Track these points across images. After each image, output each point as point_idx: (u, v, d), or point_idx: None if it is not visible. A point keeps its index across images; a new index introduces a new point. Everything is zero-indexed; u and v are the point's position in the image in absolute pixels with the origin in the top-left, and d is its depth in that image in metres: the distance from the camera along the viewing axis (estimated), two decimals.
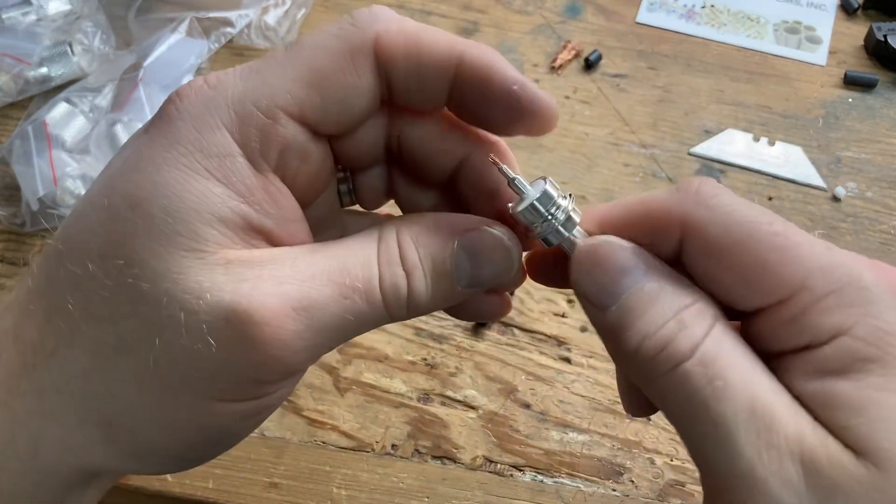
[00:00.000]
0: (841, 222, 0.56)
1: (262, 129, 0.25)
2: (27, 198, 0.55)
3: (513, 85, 0.26)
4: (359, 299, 0.26)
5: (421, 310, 0.27)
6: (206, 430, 0.26)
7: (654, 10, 0.69)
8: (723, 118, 0.62)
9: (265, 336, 0.24)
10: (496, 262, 0.28)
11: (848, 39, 0.67)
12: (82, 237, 0.25)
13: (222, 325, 0.24)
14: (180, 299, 0.24)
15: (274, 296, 0.24)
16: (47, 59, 0.61)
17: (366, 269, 0.26)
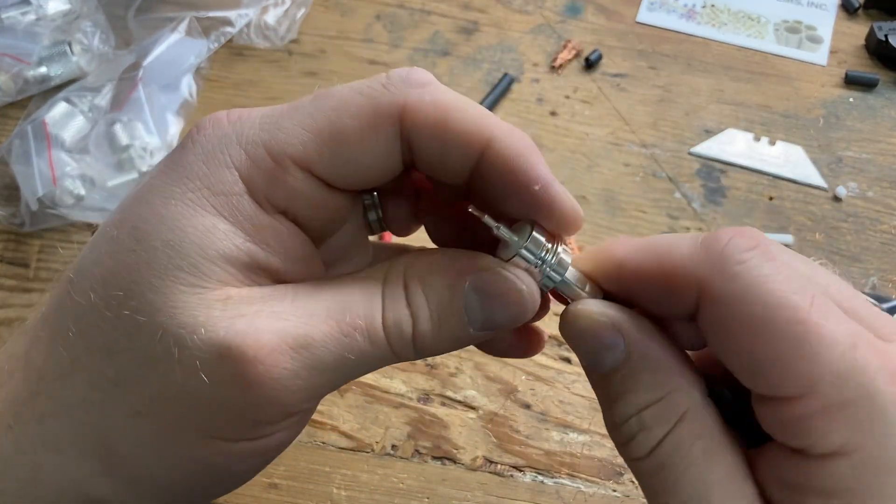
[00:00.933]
0: (842, 222, 0.56)
1: (269, 173, 0.25)
2: (26, 197, 0.54)
3: (535, 185, 0.25)
4: (360, 338, 0.25)
5: (430, 350, 0.26)
6: (205, 469, 0.25)
7: (655, 9, 0.69)
8: (723, 118, 0.62)
9: (259, 374, 0.23)
10: (509, 304, 0.26)
11: (849, 39, 0.67)
12: (89, 267, 0.25)
13: (216, 361, 0.23)
14: (175, 334, 0.23)
15: (270, 332, 0.23)
16: (46, 58, 0.61)
17: (368, 307, 0.25)
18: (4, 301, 0.53)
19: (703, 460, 0.23)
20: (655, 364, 0.25)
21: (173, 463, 0.25)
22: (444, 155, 0.26)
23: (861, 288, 0.53)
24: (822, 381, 0.21)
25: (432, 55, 0.65)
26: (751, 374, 0.23)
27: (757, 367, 0.23)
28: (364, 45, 0.66)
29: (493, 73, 0.64)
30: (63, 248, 0.55)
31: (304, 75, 0.64)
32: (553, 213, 0.26)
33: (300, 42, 0.66)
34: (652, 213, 0.56)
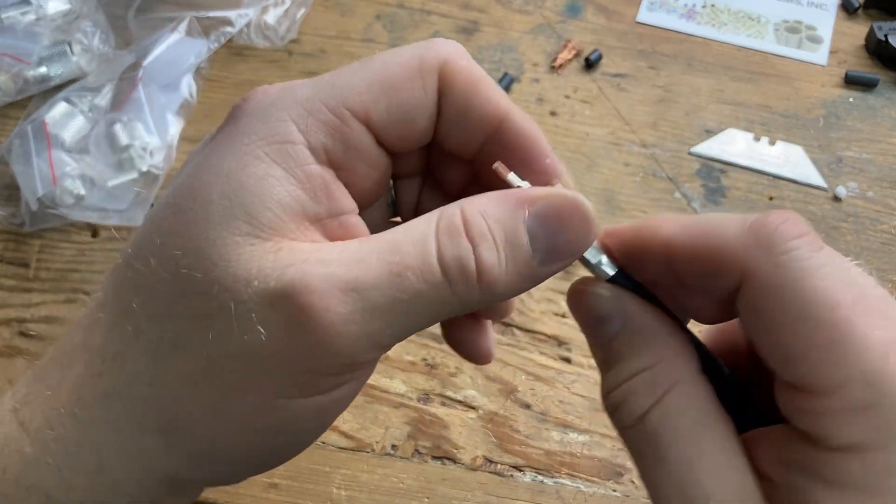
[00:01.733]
0: (842, 222, 0.56)
1: (328, 124, 0.25)
2: (26, 197, 0.54)
3: (546, 158, 0.27)
4: (412, 276, 0.23)
5: (498, 287, 0.24)
6: (268, 432, 0.25)
7: (655, 9, 0.69)
8: (723, 118, 0.62)
9: (312, 320, 0.23)
10: (575, 227, 0.25)
11: (849, 39, 0.67)
12: (148, 235, 0.25)
13: (269, 312, 0.23)
14: (230, 287, 0.23)
15: (319, 278, 0.23)
16: (46, 58, 0.61)
17: (420, 244, 0.24)
18: (4, 301, 0.53)
19: (691, 431, 0.23)
20: (648, 334, 0.25)
21: (235, 429, 0.25)
22: (466, 118, 0.27)
23: None
24: (851, 382, 0.21)
25: None
26: (782, 362, 0.23)
27: (790, 357, 0.23)
28: (364, 45, 0.66)
29: (493, 72, 0.64)
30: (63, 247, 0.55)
31: (305, 75, 0.64)
32: (560, 183, 0.27)
33: (300, 42, 0.66)
34: (652, 212, 0.56)
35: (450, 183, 0.30)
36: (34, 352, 0.51)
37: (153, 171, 0.56)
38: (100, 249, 0.55)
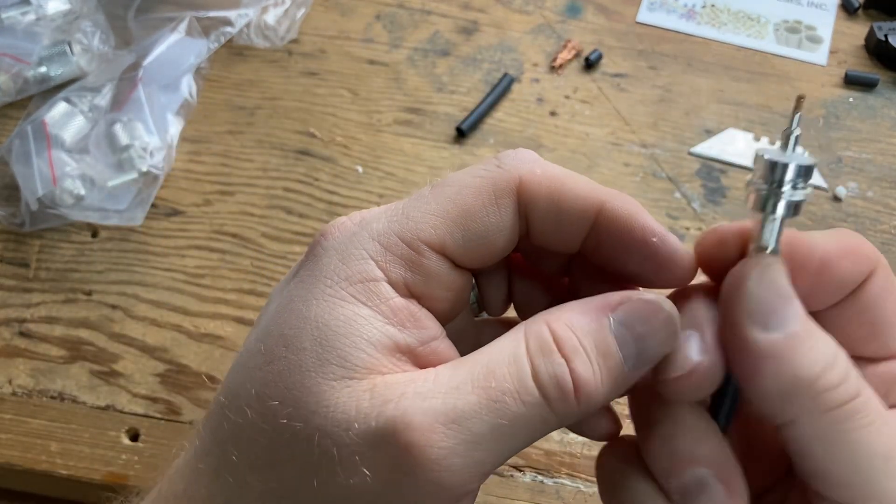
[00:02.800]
0: (842, 222, 0.56)
1: (405, 258, 0.26)
2: (26, 197, 0.54)
3: (652, 237, 0.27)
4: (510, 400, 0.23)
5: (596, 399, 0.24)
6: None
7: (655, 9, 0.69)
8: (723, 118, 0.62)
9: (417, 458, 0.23)
10: (659, 330, 0.25)
11: (848, 39, 0.67)
12: (241, 385, 0.25)
13: (372, 453, 0.23)
14: (331, 433, 0.23)
15: (419, 413, 0.23)
16: (46, 58, 0.61)
17: (513, 365, 0.24)
18: (4, 301, 0.53)
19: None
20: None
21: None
22: (559, 222, 0.27)
23: None
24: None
25: (432, 55, 0.65)
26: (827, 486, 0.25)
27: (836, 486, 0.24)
28: (364, 45, 0.66)
29: (492, 73, 0.64)
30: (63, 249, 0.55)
31: (304, 75, 0.64)
32: (674, 261, 0.27)
33: (300, 42, 0.66)
34: (652, 212, 0.56)
35: (549, 268, 0.30)
36: (34, 351, 0.51)
37: (153, 172, 0.56)
38: (99, 249, 0.55)
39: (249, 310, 0.52)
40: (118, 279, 0.54)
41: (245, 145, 0.60)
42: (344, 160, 0.59)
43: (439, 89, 0.63)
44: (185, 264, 0.54)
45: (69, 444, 0.47)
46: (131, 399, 0.49)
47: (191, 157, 0.59)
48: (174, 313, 0.52)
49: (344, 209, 0.57)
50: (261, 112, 0.62)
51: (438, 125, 0.61)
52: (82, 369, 0.50)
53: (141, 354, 0.50)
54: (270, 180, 0.58)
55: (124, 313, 0.52)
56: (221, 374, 0.50)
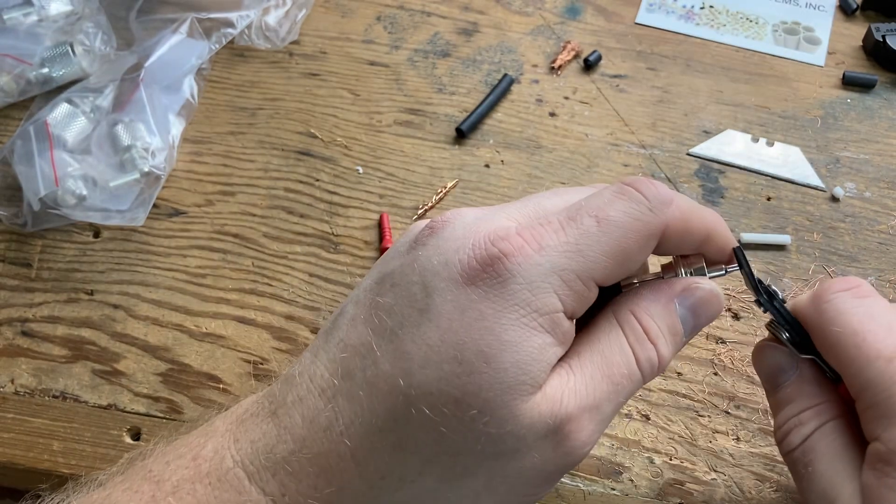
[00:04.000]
0: (839, 222, 0.56)
1: (579, 293, 0.31)
2: (28, 198, 0.55)
3: (732, 245, 0.35)
4: (627, 383, 0.32)
5: (666, 366, 0.34)
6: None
7: (654, 10, 0.69)
8: (722, 118, 0.62)
9: (573, 440, 0.31)
10: (712, 311, 0.35)
11: (846, 40, 0.67)
12: (438, 385, 0.30)
13: (543, 442, 0.31)
14: (517, 435, 0.30)
15: (575, 408, 0.31)
16: (48, 59, 0.61)
17: (623, 355, 0.32)
18: (7, 300, 0.53)
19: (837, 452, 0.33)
20: (815, 383, 0.35)
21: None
22: (679, 247, 0.35)
23: None
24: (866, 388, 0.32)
25: (432, 56, 0.66)
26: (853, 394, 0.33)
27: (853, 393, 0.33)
28: (364, 46, 0.66)
29: (492, 73, 0.64)
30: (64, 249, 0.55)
31: (305, 76, 0.64)
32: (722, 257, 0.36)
33: (301, 43, 0.66)
34: None
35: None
36: (36, 351, 0.51)
37: (155, 172, 0.57)
38: (101, 249, 0.55)
39: (251, 309, 0.53)
40: (120, 279, 0.54)
41: (246, 146, 0.61)
42: (344, 161, 0.60)
43: (439, 90, 0.64)
44: (186, 264, 0.55)
45: (71, 443, 0.48)
46: (133, 398, 0.49)
47: (192, 158, 0.60)
48: (176, 313, 0.52)
49: (344, 209, 0.57)
50: (262, 113, 0.62)
51: (438, 126, 0.62)
52: (84, 369, 0.50)
53: (143, 354, 0.51)
54: (271, 181, 0.59)
55: (126, 313, 0.52)
56: (222, 374, 0.50)
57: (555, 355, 0.31)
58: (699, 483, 0.45)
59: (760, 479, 0.45)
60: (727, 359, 0.50)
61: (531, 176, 0.59)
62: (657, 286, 0.34)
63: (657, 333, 0.33)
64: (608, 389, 0.32)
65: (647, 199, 0.32)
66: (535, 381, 0.30)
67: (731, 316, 0.52)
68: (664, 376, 0.49)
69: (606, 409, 0.32)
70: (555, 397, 0.31)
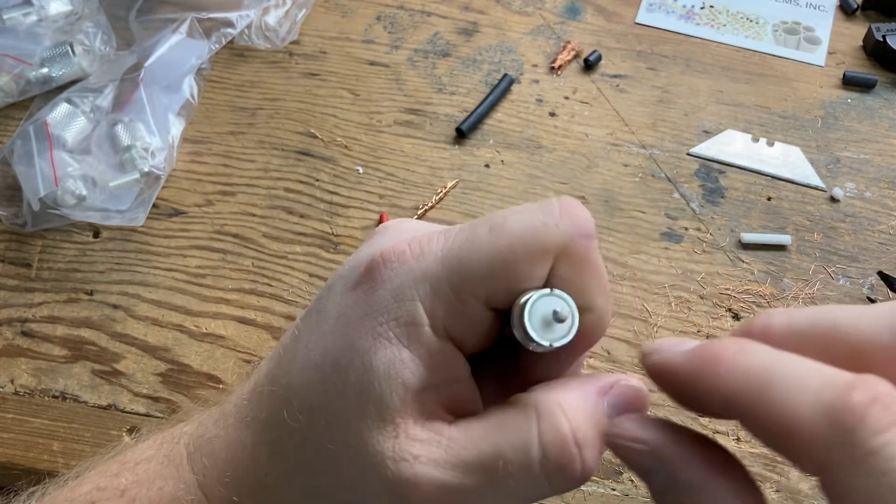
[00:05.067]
0: (840, 222, 0.56)
1: (451, 306, 0.27)
2: (28, 198, 0.55)
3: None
4: (514, 484, 0.26)
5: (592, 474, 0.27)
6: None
7: (654, 10, 0.69)
8: (722, 118, 0.62)
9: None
10: (638, 408, 0.28)
11: (847, 40, 0.67)
12: (302, 390, 0.28)
13: (386, 498, 0.26)
14: (359, 466, 0.27)
15: (428, 481, 0.26)
16: (48, 59, 0.61)
17: (524, 453, 0.26)
18: (7, 300, 0.53)
19: None
20: (702, 491, 0.23)
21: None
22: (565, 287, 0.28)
23: (859, 288, 0.53)
24: None
25: (432, 56, 0.66)
26: None
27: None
28: (364, 46, 0.66)
29: (492, 73, 0.64)
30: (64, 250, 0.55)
31: (305, 76, 0.64)
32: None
33: (301, 43, 0.66)
34: (650, 213, 0.57)
35: None
36: (36, 351, 0.51)
37: (154, 172, 0.57)
38: (101, 249, 0.55)
39: (250, 309, 0.53)
40: (120, 279, 0.54)
41: (246, 146, 0.60)
42: (344, 161, 0.60)
43: (439, 90, 0.64)
44: (186, 264, 0.55)
45: (71, 443, 0.47)
46: (133, 398, 0.49)
47: (192, 158, 0.60)
48: (175, 313, 0.52)
49: (344, 209, 0.57)
50: (262, 113, 0.62)
51: (438, 126, 0.62)
52: (84, 369, 0.50)
53: (142, 354, 0.51)
54: (271, 181, 0.59)
55: (126, 313, 0.52)
56: (222, 374, 0.50)
57: (413, 376, 0.26)
58: None
59: (761, 479, 0.45)
60: None
61: (531, 176, 0.59)
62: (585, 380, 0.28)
63: (586, 439, 0.26)
64: (483, 482, 0.26)
65: (559, 215, 0.27)
66: (381, 402, 0.26)
67: (731, 316, 0.52)
68: None
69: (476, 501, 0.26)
70: (408, 451, 0.26)
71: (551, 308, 0.27)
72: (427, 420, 0.27)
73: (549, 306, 0.27)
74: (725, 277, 0.53)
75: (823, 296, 0.53)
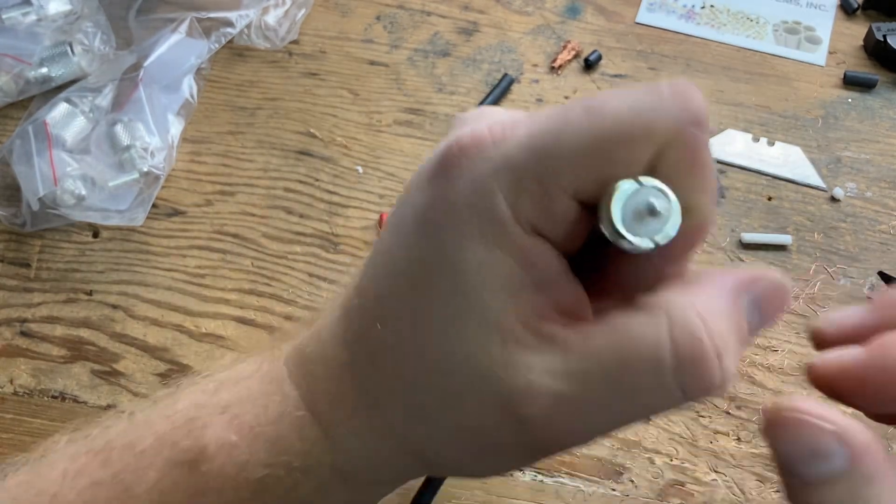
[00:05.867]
0: (840, 222, 0.56)
1: (537, 201, 0.24)
2: (27, 198, 0.55)
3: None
4: (647, 398, 0.23)
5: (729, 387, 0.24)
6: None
7: (654, 10, 0.69)
8: (722, 118, 0.62)
9: (536, 432, 0.24)
10: (780, 306, 0.25)
11: (847, 39, 0.67)
12: (392, 302, 0.26)
13: (496, 411, 0.24)
14: (465, 378, 0.25)
15: (543, 392, 0.24)
16: (47, 59, 0.61)
17: (655, 364, 0.23)
18: (6, 301, 0.53)
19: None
20: (883, 483, 0.22)
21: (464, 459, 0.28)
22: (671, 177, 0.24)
23: (860, 288, 0.53)
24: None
25: (432, 56, 0.66)
26: None
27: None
28: (364, 46, 0.66)
29: (492, 73, 0.64)
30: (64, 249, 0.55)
31: (305, 76, 0.64)
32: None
33: (300, 43, 0.66)
34: None
35: None
36: (35, 351, 0.51)
37: (154, 172, 0.57)
38: (100, 249, 0.55)
39: (250, 309, 0.52)
40: (119, 279, 0.54)
41: (246, 146, 0.60)
42: (344, 160, 0.60)
43: (439, 90, 0.64)
44: (185, 264, 0.54)
45: None
46: (132, 399, 0.49)
47: (192, 158, 0.60)
48: (175, 313, 0.52)
49: (344, 209, 0.57)
50: (261, 112, 0.62)
51: (438, 126, 0.62)
52: (83, 369, 0.50)
53: (142, 354, 0.51)
54: (271, 180, 0.59)
55: (125, 313, 0.52)
56: None
57: (508, 276, 0.24)
58: (700, 484, 0.45)
59: (762, 479, 0.45)
60: None
61: None
62: (722, 278, 0.25)
63: (726, 346, 0.23)
64: (610, 398, 0.24)
65: (669, 97, 0.23)
66: (482, 308, 0.24)
67: None
68: None
69: (601, 420, 0.24)
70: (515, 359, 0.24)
71: (646, 200, 0.23)
72: (537, 324, 0.24)
73: (643, 197, 0.23)
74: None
75: (824, 296, 0.53)
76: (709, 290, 0.24)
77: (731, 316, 0.24)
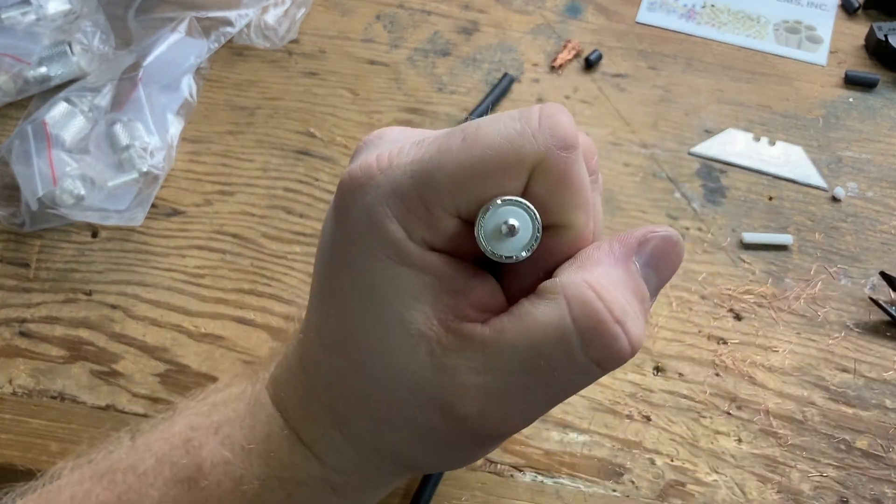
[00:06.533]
0: (841, 222, 0.56)
1: (424, 220, 0.26)
2: (26, 198, 0.55)
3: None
4: (561, 376, 0.25)
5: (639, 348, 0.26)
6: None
7: (655, 9, 0.69)
8: (723, 118, 0.62)
9: (476, 426, 0.26)
10: (675, 261, 0.27)
11: (848, 39, 0.67)
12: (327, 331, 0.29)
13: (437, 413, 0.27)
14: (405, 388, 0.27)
15: (472, 389, 0.26)
16: (47, 58, 0.61)
17: (563, 342, 0.25)
18: (5, 301, 0.53)
19: None
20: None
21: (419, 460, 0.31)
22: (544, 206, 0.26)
23: (861, 288, 0.53)
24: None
25: (432, 55, 0.65)
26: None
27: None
28: (364, 45, 0.66)
29: (493, 73, 0.64)
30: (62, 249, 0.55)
31: (304, 75, 0.64)
32: None
33: (300, 42, 0.66)
34: (652, 212, 0.56)
35: None
36: (34, 351, 0.51)
37: (153, 172, 0.56)
38: (100, 249, 0.55)
39: (250, 310, 0.52)
40: (118, 279, 0.54)
41: (245, 145, 0.60)
42: (344, 160, 0.59)
43: (439, 89, 0.63)
44: (185, 264, 0.54)
45: (69, 444, 0.47)
46: (132, 399, 0.49)
47: (191, 157, 0.59)
48: (174, 313, 0.52)
49: None
50: (261, 112, 0.62)
51: (438, 125, 0.61)
52: (82, 369, 0.50)
53: (141, 354, 0.51)
54: (271, 180, 0.58)
55: (124, 313, 0.52)
56: (222, 374, 0.50)
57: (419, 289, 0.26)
58: (700, 484, 0.45)
59: (762, 480, 0.45)
60: (729, 360, 0.50)
61: None
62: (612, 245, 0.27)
63: (624, 311, 0.24)
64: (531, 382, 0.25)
65: (537, 124, 0.26)
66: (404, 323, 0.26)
67: (732, 317, 0.52)
68: (665, 377, 0.49)
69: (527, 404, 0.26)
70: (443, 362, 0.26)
71: (505, 220, 0.25)
72: (458, 327, 0.26)
73: (502, 217, 0.25)
74: (727, 278, 0.53)
75: (825, 296, 0.52)
76: (602, 262, 0.26)
77: (626, 282, 0.25)
